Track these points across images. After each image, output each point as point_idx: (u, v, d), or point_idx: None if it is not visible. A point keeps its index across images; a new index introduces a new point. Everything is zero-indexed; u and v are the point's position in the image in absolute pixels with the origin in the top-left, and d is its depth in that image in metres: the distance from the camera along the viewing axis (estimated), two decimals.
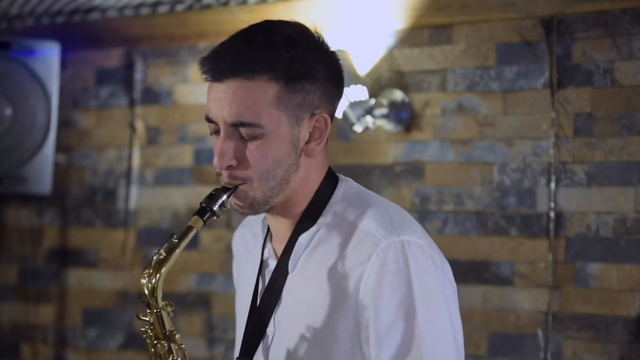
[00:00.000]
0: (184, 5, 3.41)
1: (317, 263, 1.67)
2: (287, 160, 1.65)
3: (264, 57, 1.61)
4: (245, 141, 1.63)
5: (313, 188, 1.71)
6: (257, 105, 1.61)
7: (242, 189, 1.65)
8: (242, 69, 1.60)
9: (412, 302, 1.58)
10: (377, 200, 1.72)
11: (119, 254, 3.60)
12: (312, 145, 1.68)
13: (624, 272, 2.69)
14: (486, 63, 2.95)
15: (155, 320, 1.69)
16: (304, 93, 1.64)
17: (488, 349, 2.89)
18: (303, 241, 1.69)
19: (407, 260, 1.59)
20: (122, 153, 3.64)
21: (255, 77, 1.60)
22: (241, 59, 1.61)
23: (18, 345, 3.77)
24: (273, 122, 1.62)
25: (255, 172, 1.63)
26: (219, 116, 1.63)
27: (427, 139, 3.03)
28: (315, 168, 1.71)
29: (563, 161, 2.81)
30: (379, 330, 1.58)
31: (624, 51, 2.73)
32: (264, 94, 1.61)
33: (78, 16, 3.60)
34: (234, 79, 1.61)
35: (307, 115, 1.65)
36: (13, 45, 3.45)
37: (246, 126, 1.61)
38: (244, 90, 1.61)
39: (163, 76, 3.57)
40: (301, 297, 1.68)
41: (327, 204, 1.70)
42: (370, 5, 3.09)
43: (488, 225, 2.91)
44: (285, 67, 1.61)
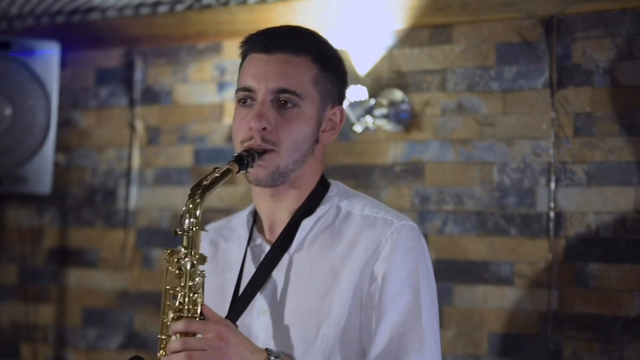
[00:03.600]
0: (184, 5, 3.41)
1: (322, 245, 1.81)
2: (310, 139, 1.82)
3: (308, 41, 1.84)
4: (282, 112, 1.78)
5: (315, 178, 1.87)
6: (300, 77, 1.79)
7: (269, 155, 1.77)
8: (291, 44, 1.80)
9: (418, 278, 1.76)
10: (368, 197, 1.90)
11: (118, 254, 3.60)
12: (327, 135, 1.86)
13: (623, 272, 2.69)
14: (486, 63, 2.95)
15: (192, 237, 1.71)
16: (331, 84, 1.84)
17: (488, 349, 2.89)
18: (307, 224, 1.83)
19: (415, 241, 1.79)
20: (122, 153, 3.64)
21: (301, 54, 1.80)
22: (291, 36, 1.83)
23: (18, 345, 3.77)
24: (309, 98, 1.80)
25: (285, 140, 1.78)
26: (261, 85, 1.78)
27: (427, 139, 3.03)
28: (320, 160, 1.88)
29: (563, 161, 2.81)
30: (386, 297, 1.74)
31: (624, 51, 2.73)
32: (307, 71, 1.80)
33: (78, 16, 3.60)
34: (282, 52, 1.79)
35: (329, 105, 1.85)
36: (13, 45, 3.45)
37: (289, 93, 1.78)
38: (290, 63, 1.79)
39: (163, 76, 3.57)
40: (308, 276, 1.79)
41: (323, 197, 1.86)
42: (370, 5, 3.09)
43: (488, 225, 2.91)
44: (323, 55, 1.83)
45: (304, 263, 1.81)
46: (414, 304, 1.74)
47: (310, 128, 1.80)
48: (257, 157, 1.76)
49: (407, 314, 1.73)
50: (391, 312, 1.73)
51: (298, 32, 1.87)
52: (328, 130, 1.85)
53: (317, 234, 1.82)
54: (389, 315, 1.72)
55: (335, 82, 1.85)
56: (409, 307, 1.73)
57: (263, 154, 1.77)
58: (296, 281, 1.80)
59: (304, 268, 1.80)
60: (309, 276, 1.79)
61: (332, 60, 1.86)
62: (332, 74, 1.84)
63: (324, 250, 1.81)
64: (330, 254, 1.79)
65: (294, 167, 1.80)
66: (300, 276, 1.80)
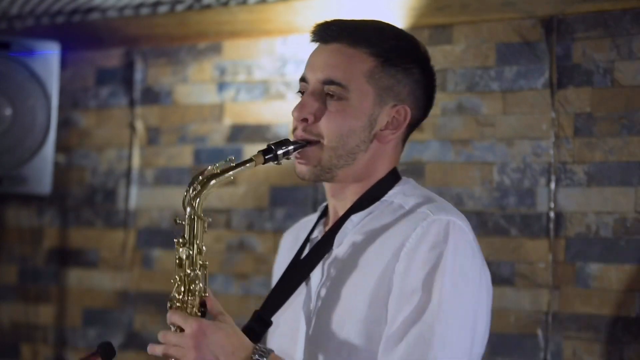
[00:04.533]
0: (184, 5, 3.41)
1: (365, 240, 1.73)
2: (360, 135, 1.73)
3: (369, 33, 1.76)
4: (328, 103, 1.72)
5: (377, 176, 1.78)
6: (351, 70, 1.72)
7: (311, 149, 1.72)
8: (348, 35, 1.74)
9: (441, 276, 1.63)
10: (434, 195, 1.79)
11: (119, 254, 3.60)
12: (386, 133, 1.76)
13: (624, 272, 2.69)
14: (486, 63, 2.95)
15: (189, 225, 1.67)
16: (395, 80, 1.75)
17: (488, 349, 2.88)
18: (355, 219, 1.76)
19: (447, 236, 1.66)
20: (122, 153, 3.64)
21: (357, 46, 1.73)
22: (350, 27, 1.77)
23: (18, 345, 3.77)
24: (360, 91, 1.72)
25: (328, 132, 1.71)
26: (312, 75, 1.74)
27: (427, 139, 3.03)
28: (383, 158, 1.79)
29: (563, 161, 2.81)
30: (402, 295, 1.64)
31: (624, 51, 2.73)
32: (361, 64, 1.73)
33: (78, 16, 3.60)
34: (338, 43, 1.74)
35: (391, 103, 1.75)
36: (13, 45, 3.45)
37: (335, 84, 1.71)
38: (344, 54, 1.73)
39: (163, 76, 3.57)
40: (344, 271, 1.73)
41: (384, 195, 1.77)
42: (370, 5, 3.09)
43: (488, 225, 2.91)
44: (386, 50, 1.74)
45: (343, 258, 1.74)
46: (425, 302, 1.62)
47: (359, 123, 1.72)
48: (294, 149, 1.70)
49: (416, 312, 1.62)
50: (403, 309, 1.63)
51: (367, 24, 1.79)
52: (389, 129, 1.76)
53: (362, 228, 1.75)
54: (401, 313, 1.63)
55: (404, 81, 1.75)
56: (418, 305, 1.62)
57: (304, 146, 1.71)
58: (333, 276, 1.74)
59: (342, 263, 1.74)
60: (344, 271, 1.73)
61: (402, 57, 1.75)
62: (399, 71, 1.74)
63: (364, 244, 1.73)
64: (367, 249, 1.72)
65: (339, 162, 1.73)
66: (337, 271, 1.74)
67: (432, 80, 1.82)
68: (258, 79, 3.37)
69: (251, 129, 3.35)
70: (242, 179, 3.37)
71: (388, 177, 1.80)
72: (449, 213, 1.70)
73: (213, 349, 1.60)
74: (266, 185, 3.31)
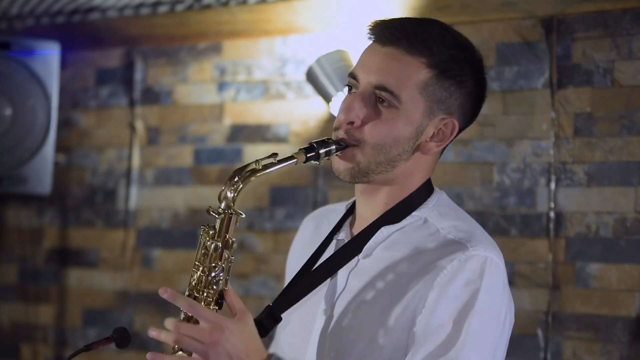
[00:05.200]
0: (184, 5, 3.41)
1: (393, 256, 1.69)
2: (404, 145, 1.69)
3: (430, 42, 1.68)
4: (377, 109, 1.67)
5: (413, 186, 1.74)
6: (405, 78, 1.67)
7: (350, 149, 1.68)
8: (406, 42, 1.67)
9: (471, 313, 1.60)
10: (467, 217, 1.76)
11: (119, 254, 3.60)
12: (431, 144, 1.72)
13: (624, 272, 2.69)
14: (486, 63, 2.94)
15: (223, 220, 1.65)
16: (448, 93, 1.70)
17: None
18: (386, 232, 1.72)
19: (482, 274, 1.63)
20: (122, 153, 3.64)
21: (414, 54, 1.67)
22: (410, 33, 1.69)
23: (18, 345, 3.77)
24: (411, 102, 1.67)
25: (372, 138, 1.67)
26: (364, 76, 1.69)
27: None
28: (422, 169, 1.75)
29: (563, 161, 2.81)
30: (429, 327, 1.60)
31: (624, 51, 2.73)
32: (415, 73, 1.67)
33: (78, 16, 3.60)
34: (395, 47, 1.68)
35: (441, 115, 1.71)
36: (13, 45, 3.45)
37: (386, 92, 1.66)
38: (400, 61, 1.67)
39: (163, 76, 3.57)
40: (368, 285, 1.69)
41: (418, 207, 1.74)
42: (370, 6, 3.09)
43: (488, 225, 2.91)
44: (444, 61, 1.69)
45: (368, 270, 1.70)
46: (453, 337, 1.58)
47: (405, 133, 1.68)
48: (336, 150, 1.67)
49: (441, 346, 1.58)
50: (429, 342, 1.59)
51: (427, 29, 1.71)
52: (434, 141, 1.71)
53: (392, 244, 1.70)
54: (426, 345, 1.59)
55: (456, 94, 1.71)
56: (446, 340, 1.59)
57: (344, 148, 1.68)
58: (356, 287, 1.70)
59: (366, 275, 1.70)
60: (367, 285, 1.69)
61: (457, 69, 1.71)
62: (453, 83, 1.70)
63: (393, 261, 1.68)
64: (398, 268, 1.67)
65: (377, 169, 1.69)
66: (361, 283, 1.70)
67: (483, 92, 1.79)
68: (258, 79, 3.37)
69: (251, 129, 3.35)
70: None
71: (422, 188, 1.76)
72: (487, 248, 1.67)
73: (229, 349, 1.56)
74: (266, 186, 3.31)
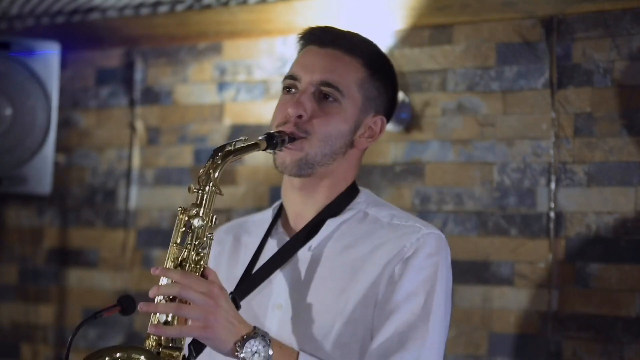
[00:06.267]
0: (184, 5, 3.41)
1: (344, 246, 1.82)
2: (345, 138, 1.83)
3: (364, 45, 1.88)
4: (322, 104, 1.80)
5: (347, 182, 1.88)
6: (346, 76, 1.83)
7: (299, 142, 1.79)
8: (346, 43, 1.85)
9: (435, 283, 1.77)
10: (398, 208, 1.91)
11: (119, 254, 3.60)
12: (363, 140, 1.87)
13: (624, 272, 2.69)
14: (486, 63, 2.95)
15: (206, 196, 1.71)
16: (378, 92, 1.87)
17: (488, 349, 2.89)
18: (332, 224, 1.84)
19: (439, 249, 1.80)
20: (122, 153, 3.64)
21: (352, 55, 1.84)
22: (347, 36, 1.88)
23: (18, 345, 3.77)
24: (351, 98, 1.82)
25: (319, 130, 1.80)
26: (307, 75, 1.81)
27: (427, 139, 3.03)
28: (354, 164, 1.89)
29: (563, 161, 2.81)
30: (399, 296, 1.75)
31: (624, 51, 2.73)
32: (355, 72, 1.83)
33: (78, 16, 3.60)
34: (335, 48, 1.84)
35: (372, 112, 1.87)
36: (13, 45, 3.45)
37: (331, 87, 1.81)
38: (341, 60, 1.83)
39: (163, 76, 3.57)
40: (326, 273, 1.80)
41: (351, 202, 1.87)
42: (370, 5, 3.09)
43: (488, 225, 2.91)
44: (376, 62, 1.87)
45: (324, 261, 1.82)
46: (425, 306, 1.75)
47: (346, 127, 1.82)
48: (288, 141, 1.77)
49: (416, 315, 1.74)
50: (401, 310, 1.74)
51: (357, 36, 1.90)
52: (365, 137, 1.87)
53: (340, 236, 1.84)
54: (398, 313, 1.74)
55: (383, 92, 1.88)
56: (419, 309, 1.75)
57: (294, 140, 1.78)
58: (313, 278, 1.81)
59: (323, 266, 1.81)
60: (327, 274, 1.80)
61: (384, 70, 1.89)
62: (381, 83, 1.87)
63: (345, 250, 1.82)
64: (352, 254, 1.81)
65: (322, 160, 1.81)
66: (319, 274, 1.81)
67: (397, 96, 1.96)
68: (258, 79, 3.37)
69: (251, 129, 3.35)
70: (242, 179, 3.37)
71: (353, 186, 1.90)
72: (432, 227, 1.84)
73: (226, 314, 1.62)
74: (266, 185, 3.31)
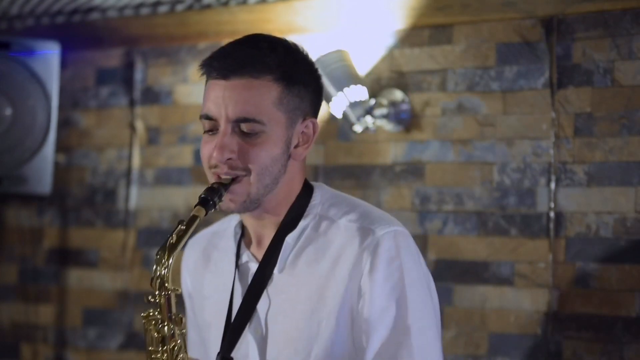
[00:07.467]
0: (184, 5, 3.41)
1: (307, 261, 1.75)
2: (280, 160, 1.74)
3: (269, 60, 1.71)
4: (246, 138, 1.70)
5: (295, 191, 1.80)
6: (260, 103, 1.70)
7: (238, 185, 1.71)
8: (249, 68, 1.70)
9: (404, 288, 1.69)
10: (354, 201, 1.82)
11: (119, 254, 3.60)
12: (300, 150, 1.78)
13: (624, 272, 2.70)
14: (486, 63, 2.95)
15: (164, 302, 1.70)
16: (299, 98, 1.75)
17: (488, 349, 2.89)
18: (290, 241, 1.77)
19: (399, 248, 1.71)
20: (122, 153, 3.64)
21: (261, 76, 1.70)
22: (249, 58, 1.71)
23: (18, 345, 3.77)
24: (274, 121, 1.71)
25: (254, 166, 1.71)
26: (221, 113, 1.70)
27: (427, 139, 3.03)
28: (298, 173, 1.80)
29: (563, 161, 2.81)
30: (372, 315, 1.68)
31: (624, 51, 2.73)
32: (268, 94, 1.70)
33: (78, 16, 3.60)
34: (240, 77, 1.70)
35: (300, 120, 1.76)
36: (13, 45, 3.45)
37: (250, 122, 1.69)
38: (250, 88, 1.70)
39: (163, 76, 3.57)
40: (294, 295, 1.75)
41: (307, 207, 1.79)
42: (370, 5, 3.09)
43: (488, 225, 2.91)
44: (287, 71, 1.73)
45: (290, 282, 1.76)
46: (401, 317, 1.68)
47: (278, 150, 1.73)
48: (225, 190, 1.70)
49: (393, 329, 1.68)
50: (378, 329, 1.68)
51: (258, 48, 1.73)
52: (301, 145, 1.78)
53: (301, 250, 1.76)
54: (376, 332, 1.68)
55: (305, 95, 1.76)
56: (395, 322, 1.68)
57: (231, 182, 1.71)
58: (283, 301, 1.75)
59: (290, 287, 1.75)
60: (295, 296, 1.75)
61: (299, 73, 1.76)
62: (300, 87, 1.75)
63: (309, 266, 1.75)
64: (316, 271, 1.74)
65: (266, 191, 1.73)
66: (287, 296, 1.75)
67: (321, 82, 1.84)
68: None
69: None
70: None
71: (304, 189, 1.82)
72: (389, 223, 1.74)
73: None
74: None
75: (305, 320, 1.72)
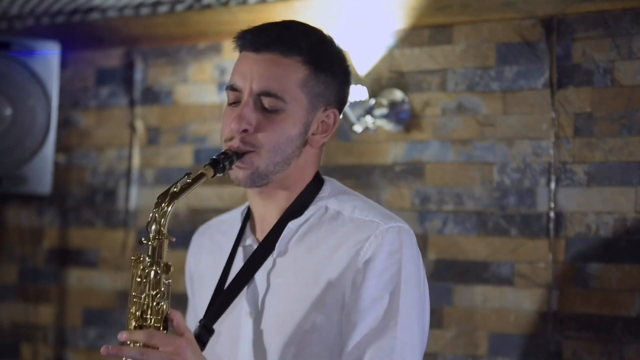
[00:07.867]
0: (184, 5, 3.41)
1: (308, 247, 1.76)
2: (295, 142, 1.76)
3: (301, 41, 1.75)
4: (265, 114, 1.73)
5: (306, 180, 1.81)
6: (285, 80, 1.73)
7: (249, 156, 1.73)
8: (281, 45, 1.74)
9: (399, 282, 1.69)
10: (362, 197, 1.83)
11: (119, 254, 3.60)
12: (317, 137, 1.79)
13: (624, 272, 2.70)
14: (486, 63, 2.95)
15: (157, 246, 1.71)
16: (325, 85, 1.78)
17: (488, 349, 2.89)
18: (293, 226, 1.78)
19: (401, 243, 1.71)
20: (122, 153, 3.64)
21: (290, 55, 1.74)
22: (282, 36, 1.75)
23: (18, 345, 3.77)
24: (295, 101, 1.74)
25: (267, 142, 1.73)
26: (246, 85, 1.74)
27: (427, 139, 3.03)
28: (312, 162, 1.82)
29: (563, 161, 2.81)
30: (364, 303, 1.68)
31: (624, 51, 2.73)
32: (294, 73, 1.74)
33: (78, 16, 3.60)
34: (271, 52, 1.74)
35: (322, 108, 1.78)
36: (13, 45, 3.45)
37: (271, 97, 1.72)
38: (278, 64, 1.73)
39: (163, 76, 3.57)
40: (292, 279, 1.75)
41: (315, 197, 1.81)
42: (370, 5, 3.09)
43: (488, 225, 2.91)
44: (316, 56, 1.76)
45: (288, 266, 1.76)
46: (392, 309, 1.68)
47: (295, 131, 1.74)
48: (236, 159, 1.71)
49: (382, 320, 1.67)
50: (367, 317, 1.68)
51: (293, 30, 1.78)
52: (319, 133, 1.79)
53: (303, 236, 1.77)
54: (364, 321, 1.67)
55: (331, 84, 1.79)
56: (385, 313, 1.68)
57: (242, 155, 1.72)
58: (279, 285, 1.76)
59: (288, 271, 1.76)
60: (292, 280, 1.75)
61: (328, 61, 1.78)
62: (327, 75, 1.77)
63: (309, 252, 1.75)
64: (314, 257, 1.74)
65: (275, 169, 1.74)
66: (284, 280, 1.76)
67: (350, 78, 1.87)
68: None
69: None
70: None
71: (315, 180, 1.83)
72: (395, 220, 1.75)
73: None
74: None
75: (299, 304, 1.72)
